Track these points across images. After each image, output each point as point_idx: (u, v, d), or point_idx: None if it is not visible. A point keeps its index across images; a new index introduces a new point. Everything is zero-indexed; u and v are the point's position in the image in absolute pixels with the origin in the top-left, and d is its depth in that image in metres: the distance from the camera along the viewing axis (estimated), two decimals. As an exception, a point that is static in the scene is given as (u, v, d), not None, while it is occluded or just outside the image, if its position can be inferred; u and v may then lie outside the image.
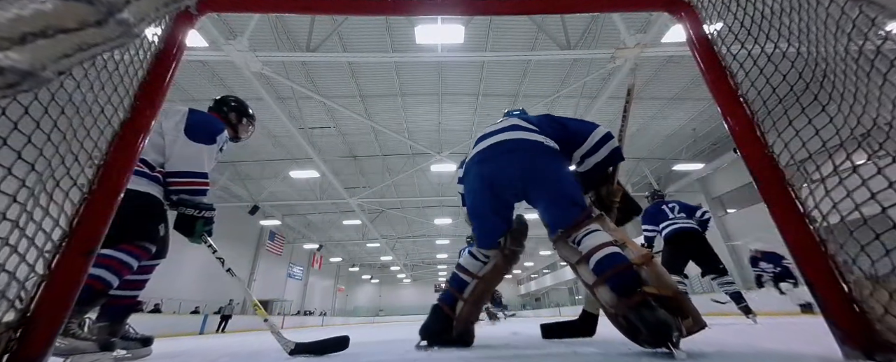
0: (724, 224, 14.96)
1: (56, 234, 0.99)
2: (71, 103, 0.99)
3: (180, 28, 1.54)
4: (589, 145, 1.81)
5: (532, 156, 1.66)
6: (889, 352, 0.85)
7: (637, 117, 11.63)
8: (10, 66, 0.46)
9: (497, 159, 1.71)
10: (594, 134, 1.82)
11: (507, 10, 1.85)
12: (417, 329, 1.81)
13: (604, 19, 7.61)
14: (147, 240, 1.68)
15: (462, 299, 1.80)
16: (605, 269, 1.36)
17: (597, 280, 1.40)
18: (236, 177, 14.57)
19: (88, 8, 0.50)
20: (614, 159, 1.86)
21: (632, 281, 1.30)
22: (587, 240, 1.46)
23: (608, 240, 1.43)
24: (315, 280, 28.37)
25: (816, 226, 1.04)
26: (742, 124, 1.27)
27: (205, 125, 1.90)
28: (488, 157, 1.73)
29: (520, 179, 1.64)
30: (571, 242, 1.55)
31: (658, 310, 1.19)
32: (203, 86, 9.45)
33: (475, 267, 1.83)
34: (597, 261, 1.39)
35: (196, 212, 1.77)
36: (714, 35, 1.48)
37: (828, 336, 0.98)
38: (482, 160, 1.76)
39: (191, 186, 1.79)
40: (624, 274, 1.32)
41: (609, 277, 1.35)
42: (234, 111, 2.29)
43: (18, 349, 0.88)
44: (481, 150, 1.79)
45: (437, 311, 1.80)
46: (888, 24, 0.78)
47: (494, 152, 1.73)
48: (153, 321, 10.32)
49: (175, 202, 1.78)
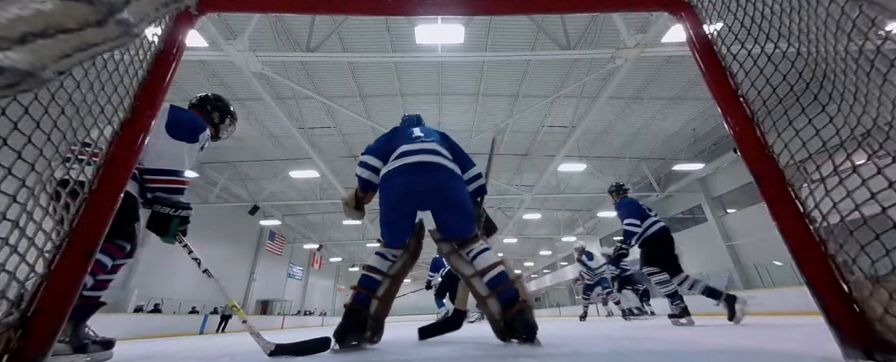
0: (724, 224, 14.97)
1: (56, 235, 0.99)
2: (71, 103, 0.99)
3: (180, 28, 1.54)
4: (467, 177, 2.19)
5: (449, 179, 1.98)
6: (889, 352, 0.85)
7: (637, 117, 11.65)
8: (10, 66, 0.46)
9: (420, 176, 1.95)
10: (472, 170, 2.25)
11: (507, 10, 1.85)
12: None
13: (604, 19, 7.61)
14: (123, 239, 1.66)
15: (376, 298, 1.89)
16: (497, 285, 1.75)
17: (490, 293, 1.77)
18: (236, 177, 14.57)
19: (88, 8, 0.50)
20: (479, 192, 2.29)
21: (514, 295, 1.72)
22: (481, 258, 1.84)
23: (497, 260, 1.82)
24: (315, 280, 28.37)
25: (816, 226, 1.04)
26: (742, 124, 1.27)
27: (187, 122, 1.88)
28: (412, 173, 1.96)
29: (435, 196, 1.92)
30: (466, 254, 1.90)
31: (528, 316, 1.64)
32: (203, 86, 9.44)
33: (385, 266, 1.98)
34: (491, 278, 1.77)
35: (172, 211, 1.73)
36: (714, 35, 1.48)
37: (828, 336, 0.98)
38: (408, 174, 1.97)
39: (169, 184, 1.75)
40: (509, 289, 1.74)
41: (499, 292, 1.74)
42: (217, 110, 2.25)
43: (18, 349, 0.88)
44: (406, 165, 1.99)
45: (354, 313, 1.81)
46: (888, 24, 0.78)
47: (418, 170, 1.96)
48: (153, 321, 10.30)
49: (150, 200, 1.73)
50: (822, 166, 1.00)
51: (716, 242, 14.95)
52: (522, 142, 13.19)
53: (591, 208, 21.82)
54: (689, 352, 1.19)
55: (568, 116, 11.30)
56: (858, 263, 0.91)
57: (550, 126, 12.04)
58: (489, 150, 2.93)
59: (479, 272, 1.82)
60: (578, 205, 21.16)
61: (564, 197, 17.20)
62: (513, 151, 13.82)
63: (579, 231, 23.64)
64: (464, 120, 11.64)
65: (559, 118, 11.58)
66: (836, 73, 0.94)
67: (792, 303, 7.36)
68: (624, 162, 14.71)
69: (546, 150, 13.49)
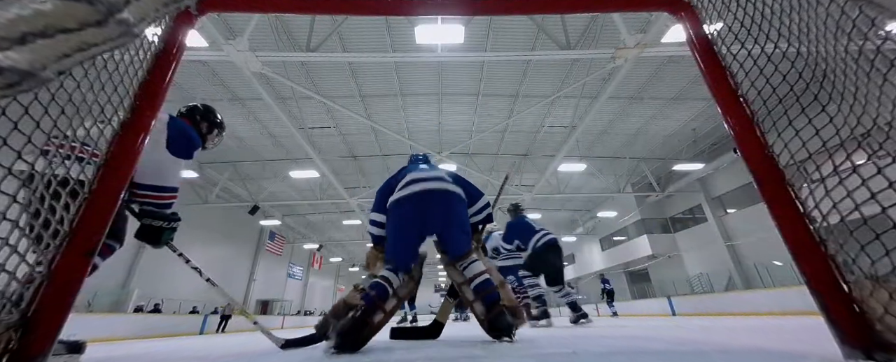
0: (724, 224, 14.97)
1: (56, 235, 0.99)
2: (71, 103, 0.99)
3: (180, 28, 1.54)
4: (477, 208, 2.43)
5: (455, 203, 2.21)
6: (889, 352, 0.85)
7: (637, 117, 11.65)
8: (10, 66, 0.46)
9: (428, 202, 2.14)
10: (481, 201, 2.47)
11: (507, 10, 1.85)
12: None
13: (604, 19, 7.61)
14: (115, 240, 1.66)
15: (383, 310, 1.91)
16: (482, 290, 1.99)
17: (475, 297, 2.01)
18: (236, 177, 14.57)
19: (88, 8, 0.50)
20: (487, 220, 2.51)
21: (496, 299, 1.94)
22: (470, 268, 2.07)
23: (483, 269, 2.06)
24: (315, 280, 28.36)
25: (816, 226, 1.03)
26: (742, 124, 1.27)
27: (186, 140, 1.88)
28: (420, 200, 2.14)
29: (442, 219, 2.14)
30: (459, 267, 2.14)
31: (506, 317, 1.84)
32: (203, 86, 9.44)
33: (397, 283, 2.06)
34: (476, 285, 2.01)
35: (165, 224, 1.79)
36: (714, 35, 1.47)
37: (828, 336, 0.98)
38: (417, 201, 2.14)
39: (162, 200, 1.77)
40: (492, 294, 1.96)
41: (483, 296, 1.97)
42: (207, 121, 2.23)
43: (18, 349, 0.88)
44: (415, 193, 2.14)
45: (364, 321, 1.77)
46: (888, 24, 0.78)
47: (426, 198, 2.14)
48: (153, 321, 10.30)
49: (141, 213, 1.76)
50: (822, 166, 1.00)
51: (716, 242, 14.95)
52: (522, 142, 13.20)
53: (591, 208, 21.82)
54: (689, 352, 1.19)
55: (568, 116, 11.30)
56: (858, 263, 0.91)
57: (550, 126, 12.04)
58: (502, 182, 3.47)
59: (468, 280, 2.07)
60: (578, 205, 21.16)
61: (564, 197, 17.20)
62: (513, 151, 13.82)
63: (579, 231, 23.65)
64: (464, 120, 11.64)
65: (559, 118, 11.58)
66: (836, 73, 0.94)
67: (792, 303, 7.36)
68: (624, 162, 14.71)
69: (546, 150, 13.49)
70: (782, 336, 1.98)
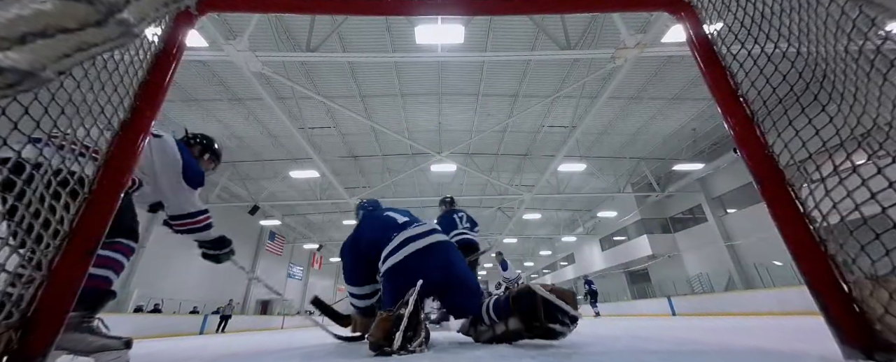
0: (724, 224, 14.97)
1: (56, 234, 0.99)
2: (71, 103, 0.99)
3: (180, 28, 1.54)
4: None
5: (458, 260, 2.08)
6: (889, 352, 0.85)
7: (637, 117, 11.65)
8: (10, 66, 0.46)
9: (431, 260, 1.98)
10: None
11: (507, 10, 1.85)
12: None
13: (604, 19, 7.61)
14: (131, 239, 1.71)
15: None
16: (499, 311, 1.85)
17: (500, 319, 1.84)
18: (236, 177, 14.56)
19: (88, 8, 0.50)
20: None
21: (505, 303, 1.83)
22: (492, 312, 1.89)
23: (492, 299, 1.93)
24: (315, 280, 28.34)
25: (816, 226, 1.03)
26: (742, 124, 1.27)
27: (196, 172, 1.99)
28: (422, 258, 1.98)
29: (447, 281, 1.96)
30: (481, 324, 1.95)
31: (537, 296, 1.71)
32: (203, 86, 9.44)
33: (427, 308, 2.07)
34: (496, 312, 1.86)
35: (225, 250, 2.18)
36: (714, 35, 1.47)
37: (828, 336, 0.98)
38: (420, 260, 1.99)
39: (200, 223, 2.00)
40: (502, 304, 1.84)
41: (507, 312, 1.81)
42: (205, 150, 2.31)
43: (18, 349, 0.88)
44: (416, 251, 1.99)
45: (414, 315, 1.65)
46: (888, 24, 0.78)
47: (428, 254, 1.99)
48: (153, 321, 10.30)
49: (198, 244, 2.10)
50: (822, 166, 1.00)
51: (716, 242, 14.95)
52: (522, 142, 13.20)
53: (591, 208, 21.81)
54: (689, 352, 1.19)
55: (568, 116, 11.30)
56: (858, 263, 0.91)
57: (550, 126, 12.04)
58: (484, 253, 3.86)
59: (493, 321, 1.89)
60: (578, 205, 21.15)
61: (564, 197, 17.19)
62: (513, 151, 13.82)
63: (579, 231, 23.64)
64: (464, 120, 11.64)
65: (559, 118, 11.58)
66: (836, 73, 0.94)
67: (792, 303, 7.36)
68: (624, 162, 14.71)
69: (546, 150, 13.48)
70: (782, 336, 1.98)
